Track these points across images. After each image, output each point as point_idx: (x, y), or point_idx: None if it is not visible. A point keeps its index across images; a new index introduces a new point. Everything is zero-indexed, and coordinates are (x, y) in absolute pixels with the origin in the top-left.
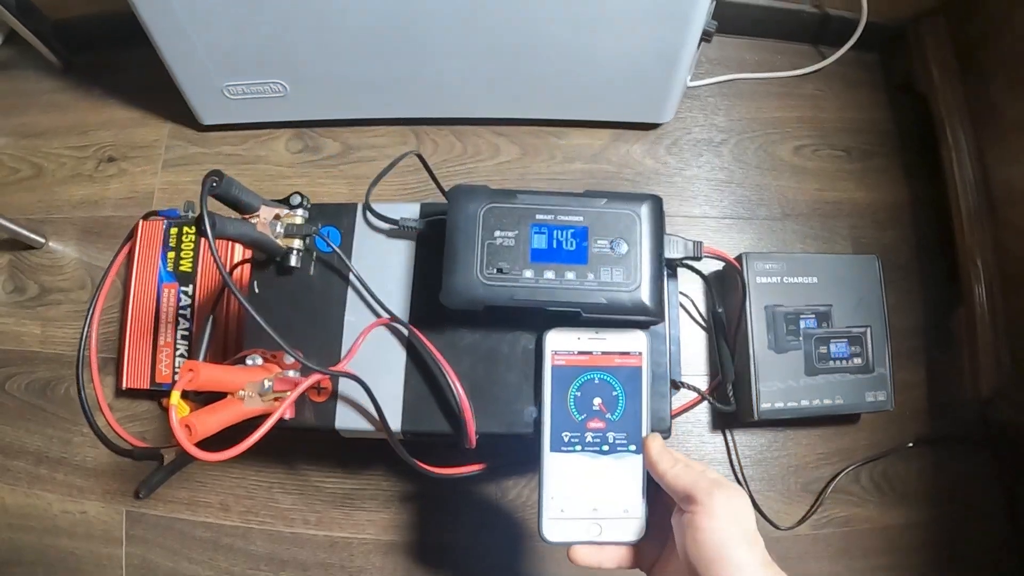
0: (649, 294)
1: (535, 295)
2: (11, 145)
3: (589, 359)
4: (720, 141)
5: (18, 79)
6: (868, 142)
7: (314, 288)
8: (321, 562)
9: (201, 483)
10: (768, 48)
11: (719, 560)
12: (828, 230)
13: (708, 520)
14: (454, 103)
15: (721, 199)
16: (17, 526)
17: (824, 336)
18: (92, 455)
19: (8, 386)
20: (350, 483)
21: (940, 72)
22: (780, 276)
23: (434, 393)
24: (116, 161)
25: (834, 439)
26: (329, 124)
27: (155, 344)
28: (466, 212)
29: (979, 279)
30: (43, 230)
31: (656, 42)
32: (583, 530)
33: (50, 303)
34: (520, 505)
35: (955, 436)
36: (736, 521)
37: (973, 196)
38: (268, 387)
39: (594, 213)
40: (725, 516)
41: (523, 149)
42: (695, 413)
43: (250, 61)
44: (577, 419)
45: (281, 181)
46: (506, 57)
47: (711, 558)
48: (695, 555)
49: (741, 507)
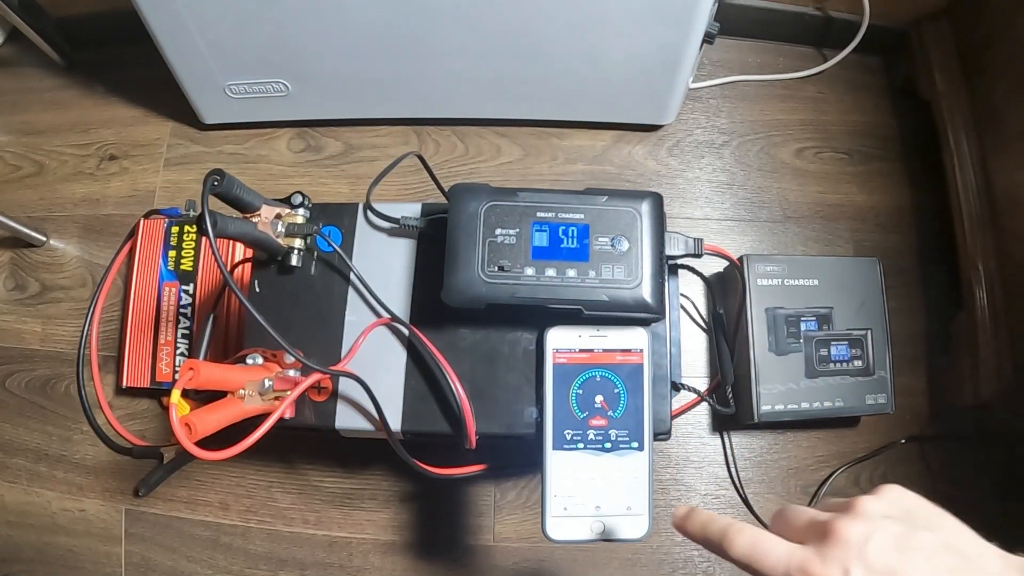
0: (650, 291)
1: (536, 293)
2: (13, 142)
3: (590, 357)
4: (722, 143)
5: (20, 76)
6: (870, 145)
7: (315, 287)
8: (320, 561)
9: (200, 482)
10: (770, 50)
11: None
12: (829, 233)
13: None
14: (456, 103)
15: (723, 201)
16: (16, 524)
17: (825, 338)
18: (92, 453)
19: (8, 384)
20: (349, 483)
21: (943, 76)
22: (781, 278)
23: (434, 393)
24: (118, 159)
25: (834, 442)
26: (331, 124)
27: (155, 343)
28: (467, 210)
29: (980, 284)
30: (44, 228)
31: (658, 44)
32: (587, 528)
33: (51, 301)
34: (520, 505)
35: (950, 435)
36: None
37: (975, 201)
38: (268, 386)
39: (595, 211)
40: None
41: (525, 150)
42: (695, 415)
43: (252, 60)
44: (579, 417)
45: (283, 180)
46: (508, 58)
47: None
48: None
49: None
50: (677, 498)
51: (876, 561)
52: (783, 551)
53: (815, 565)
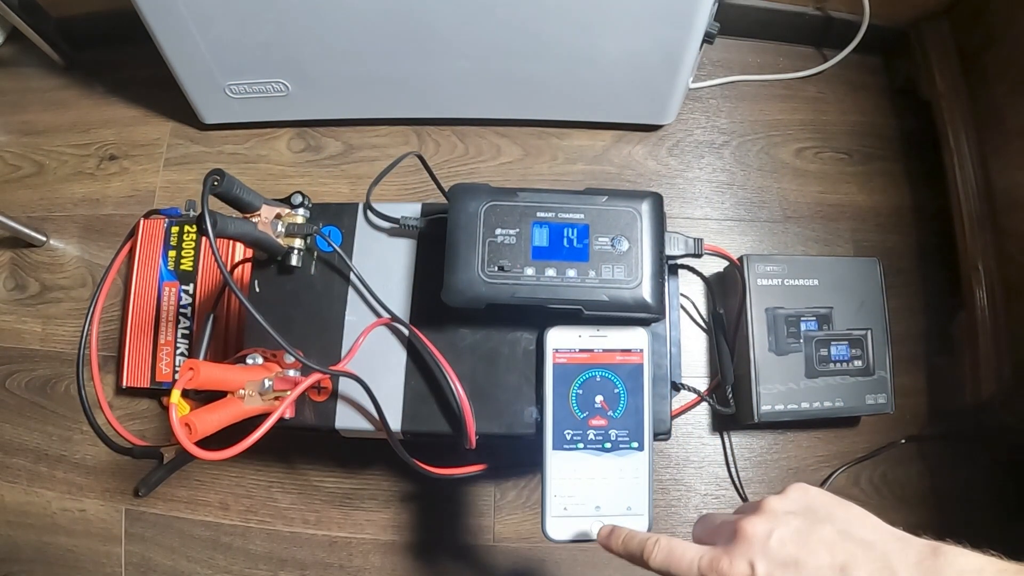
0: (650, 291)
1: (536, 293)
2: (13, 142)
3: (590, 357)
4: (722, 143)
5: (20, 76)
6: (870, 145)
7: (315, 287)
8: (320, 561)
9: (200, 482)
10: (770, 50)
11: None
12: (830, 233)
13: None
14: (456, 103)
15: (723, 201)
16: (16, 523)
17: (825, 338)
18: (92, 453)
19: (8, 383)
20: (349, 483)
21: (943, 76)
22: (781, 278)
23: (434, 393)
24: (118, 159)
25: (834, 442)
26: (331, 124)
27: (155, 343)
28: (467, 210)
29: (980, 284)
30: (44, 228)
31: (658, 44)
32: (587, 528)
33: (51, 301)
34: (520, 505)
35: (949, 434)
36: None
37: (975, 201)
38: (268, 386)
39: (595, 210)
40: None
41: (525, 150)
42: (695, 415)
43: (253, 60)
44: (579, 417)
45: (283, 180)
46: (508, 58)
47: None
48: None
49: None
50: (677, 498)
51: (778, 553)
52: (694, 553)
53: (723, 563)
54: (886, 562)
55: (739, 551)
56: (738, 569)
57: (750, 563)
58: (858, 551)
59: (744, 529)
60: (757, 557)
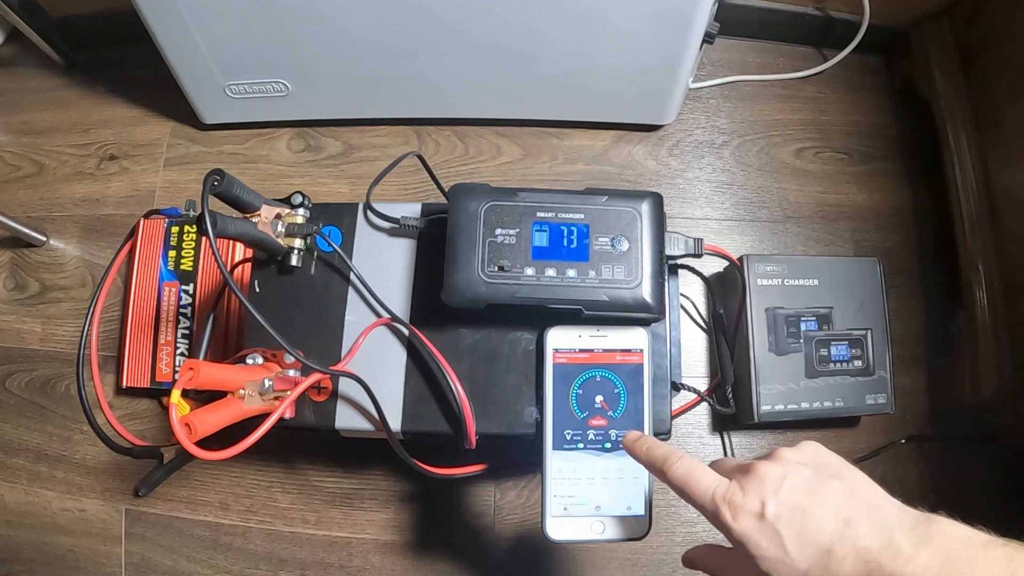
0: (650, 291)
1: (536, 293)
2: (13, 142)
3: (590, 357)
4: (722, 143)
5: (20, 76)
6: (870, 145)
7: (315, 287)
8: (320, 561)
9: (200, 482)
10: (770, 50)
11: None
12: (830, 233)
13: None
14: (456, 103)
15: (723, 201)
16: (16, 523)
17: (825, 339)
18: (92, 453)
19: (8, 383)
20: (349, 483)
21: (943, 76)
22: (781, 278)
23: (434, 393)
24: (118, 159)
25: (834, 442)
26: (331, 124)
27: (155, 343)
28: (467, 210)
29: (980, 284)
30: (44, 228)
31: (658, 44)
32: (587, 528)
33: (51, 301)
34: (520, 505)
35: (949, 434)
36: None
37: (975, 201)
38: (268, 386)
39: (595, 211)
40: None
41: (525, 150)
42: (695, 415)
43: (253, 60)
44: (579, 417)
45: (283, 180)
46: (508, 58)
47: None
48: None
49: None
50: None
51: (788, 498)
52: (712, 480)
53: (737, 495)
54: (885, 522)
55: (752, 489)
56: (750, 504)
57: (761, 502)
58: (861, 508)
59: (759, 470)
60: (768, 497)
